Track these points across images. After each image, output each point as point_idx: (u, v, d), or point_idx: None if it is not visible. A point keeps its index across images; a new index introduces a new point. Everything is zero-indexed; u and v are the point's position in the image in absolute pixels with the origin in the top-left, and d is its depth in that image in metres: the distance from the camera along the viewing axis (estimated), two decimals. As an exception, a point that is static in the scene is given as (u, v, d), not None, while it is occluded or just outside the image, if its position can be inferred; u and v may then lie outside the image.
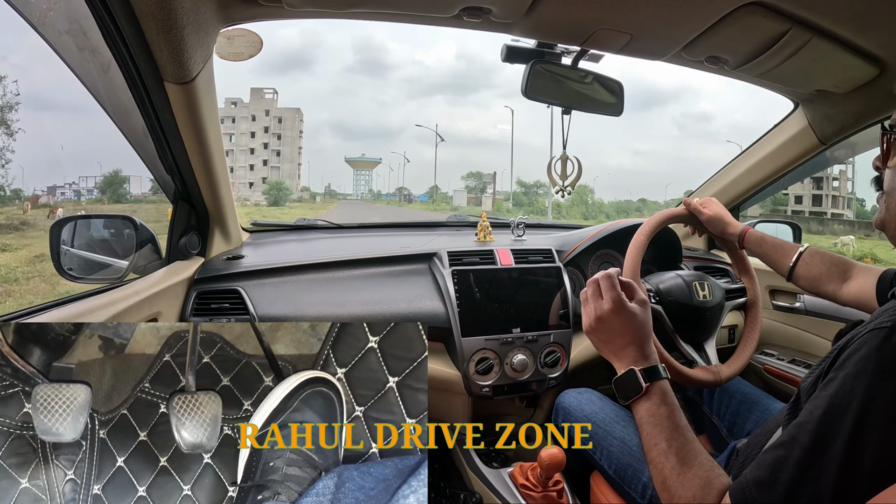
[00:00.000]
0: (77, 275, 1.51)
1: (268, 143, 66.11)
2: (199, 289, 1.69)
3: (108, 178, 32.67)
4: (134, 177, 33.98)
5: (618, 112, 1.73)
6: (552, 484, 1.53)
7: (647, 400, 1.04)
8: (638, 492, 1.38)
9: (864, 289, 1.43)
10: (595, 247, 2.09)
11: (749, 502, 0.80)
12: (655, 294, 1.61)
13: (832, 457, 0.75)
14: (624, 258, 1.58)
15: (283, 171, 66.03)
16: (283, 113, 66.98)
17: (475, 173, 69.19)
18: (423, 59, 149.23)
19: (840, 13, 1.26)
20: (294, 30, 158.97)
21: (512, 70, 2.58)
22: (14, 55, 54.67)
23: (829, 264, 1.50)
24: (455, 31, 6.76)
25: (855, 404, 0.75)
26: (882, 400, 0.74)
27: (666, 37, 1.42)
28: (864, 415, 0.74)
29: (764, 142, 2.08)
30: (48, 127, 53.42)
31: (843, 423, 0.75)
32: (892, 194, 0.97)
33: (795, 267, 1.53)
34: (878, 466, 0.72)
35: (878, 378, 0.75)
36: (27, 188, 29.81)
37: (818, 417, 0.78)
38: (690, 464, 0.94)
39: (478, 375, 1.73)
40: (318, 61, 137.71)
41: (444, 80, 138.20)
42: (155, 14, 1.13)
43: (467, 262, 1.84)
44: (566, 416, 1.65)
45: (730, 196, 2.24)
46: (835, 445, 0.75)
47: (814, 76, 1.60)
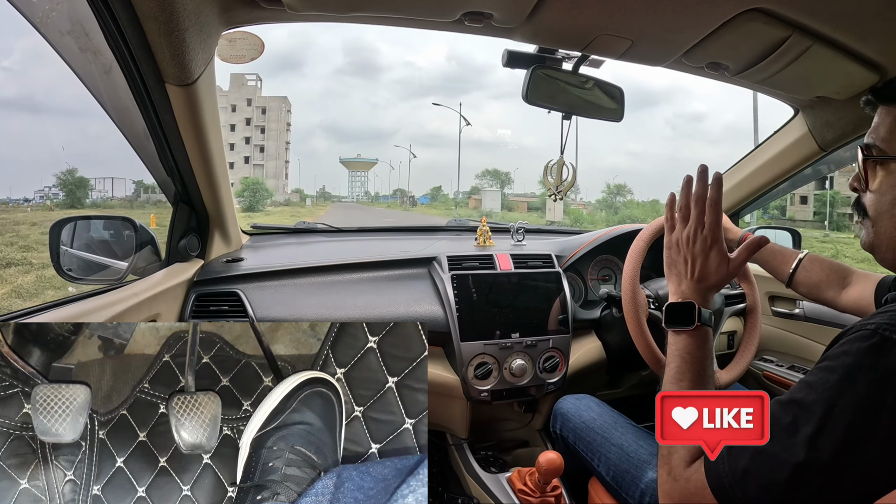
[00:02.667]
0: (76, 275, 1.52)
1: (250, 138, 58.66)
2: (198, 291, 1.69)
3: (63, 179, 28.50)
4: (101, 179, 31.49)
5: (618, 118, 1.73)
6: (550, 489, 1.53)
7: (690, 337, 1.04)
8: (635, 498, 1.38)
9: (862, 295, 1.43)
10: (594, 252, 2.09)
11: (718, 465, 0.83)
12: (655, 300, 1.61)
13: (797, 442, 0.76)
14: (623, 264, 1.58)
15: (267, 169, 58.49)
16: (267, 102, 59.51)
17: (491, 171, 60.11)
18: (414, 60, 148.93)
19: (841, 20, 1.26)
20: (284, 31, 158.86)
21: (503, 72, 2.59)
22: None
23: (828, 271, 1.50)
24: (446, 32, 6.80)
25: (826, 395, 0.76)
26: (850, 398, 0.75)
27: (667, 43, 1.42)
28: (832, 408, 0.75)
29: (764, 148, 2.08)
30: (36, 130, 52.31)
31: (811, 413, 0.77)
32: (879, 220, 0.94)
33: (795, 273, 1.53)
34: (835, 460, 0.73)
35: (850, 374, 0.76)
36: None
37: (792, 402, 0.81)
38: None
39: (476, 380, 1.72)
40: (309, 63, 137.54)
41: (435, 83, 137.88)
42: (157, 16, 1.13)
43: (467, 267, 1.84)
44: (564, 421, 1.65)
45: (729, 202, 2.24)
46: (802, 431, 0.76)
47: (814, 83, 1.60)
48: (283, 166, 61.02)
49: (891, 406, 0.72)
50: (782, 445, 0.78)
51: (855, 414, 0.74)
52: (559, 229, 2.84)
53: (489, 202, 51.81)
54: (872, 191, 0.95)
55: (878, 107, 0.99)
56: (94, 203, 29.95)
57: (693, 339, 1.03)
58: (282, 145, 59.95)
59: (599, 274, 2.17)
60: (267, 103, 59.40)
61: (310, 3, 1.31)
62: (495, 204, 50.97)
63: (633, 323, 1.53)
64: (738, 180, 2.19)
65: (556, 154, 1.74)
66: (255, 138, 58.78)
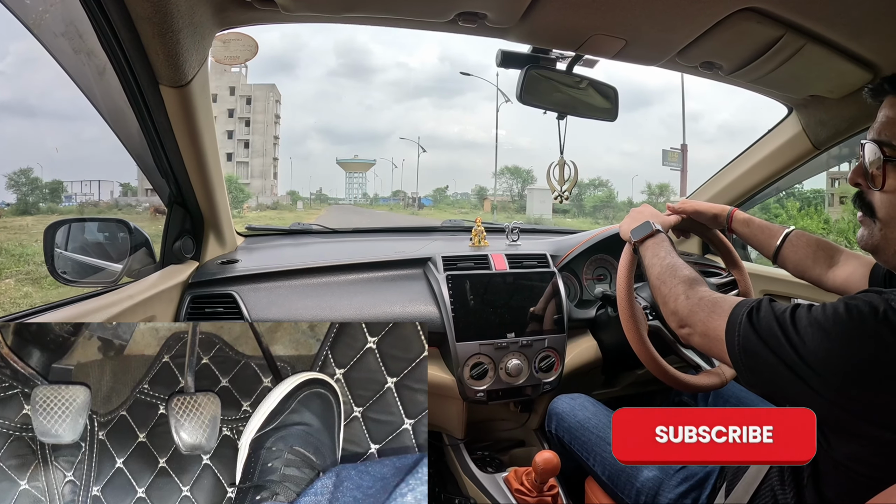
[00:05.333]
0: (71, 278, 1.51)
1: (233, 132, 51.11)
2: (193, 293, 1.68)
3: (15, 181, 25.69)
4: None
5: (612, 117, 1.73)
6: (547, 489, 1.54)
7: (653, 241, 1.36)
8: (632, 497, 1.38)
9: (852, 278, 1.40)
10: (589, 252, 2.10)
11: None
12: (651, 309, 1.60)
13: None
14: (618, 263, 1.58)
15: (253, 167, 51.57)
16: (252, 91, 51.94)
17: (511, 168, 52.02)
18: (406, 61, 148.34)
19: (834, 19, 1.27)
20: (276, 33, 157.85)
21: (496, 73, 2.50)
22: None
23: (815, 248, 1.47)
24: (438, 33, 6.74)
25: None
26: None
27: (660, 42, 1.43)
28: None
29: (758, 147, 2.09)
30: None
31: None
32: (892, 223, 0.95)
33: (781, 248, 1.51)
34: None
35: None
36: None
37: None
38: (696, 286, 1.13)
39: (472, 380, 1.73)
40: (301, 65, 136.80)
41: (428, 84, 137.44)
42: (151, 17, 1.13)
43: (462, 267, 1.84)
44: (559, 421, 1.65)
45: (723, 201, 2.24)
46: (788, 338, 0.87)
47: (808, 81, 1.61)
48: (272, 164, 54.34)
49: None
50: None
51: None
52: (554, 229, 2.85)
53: (538, 205, 37.77)
54: (888, 191, 0.95)
55: (887, 99, 0.99)
56: (54, 210, 26.14)
57: (655, 240, 1.37)
58: (269, 140, 53.34)
59: (594, 273, 2.17)
60: (252, 92, 52.46)
61: (304, 3, 1.31)
62: (546, 208, 36.00)
63: (634, 338, 1.50)
64: (732, 179, 2.20)
65: (551, 154, 1.73)
66: (238, 132, 51.93)
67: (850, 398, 0.83)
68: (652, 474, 1.37)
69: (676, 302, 1.13)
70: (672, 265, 1.24)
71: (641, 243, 1.39)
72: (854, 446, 0.89)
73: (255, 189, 49.42)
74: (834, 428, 0.90)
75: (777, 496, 1.04)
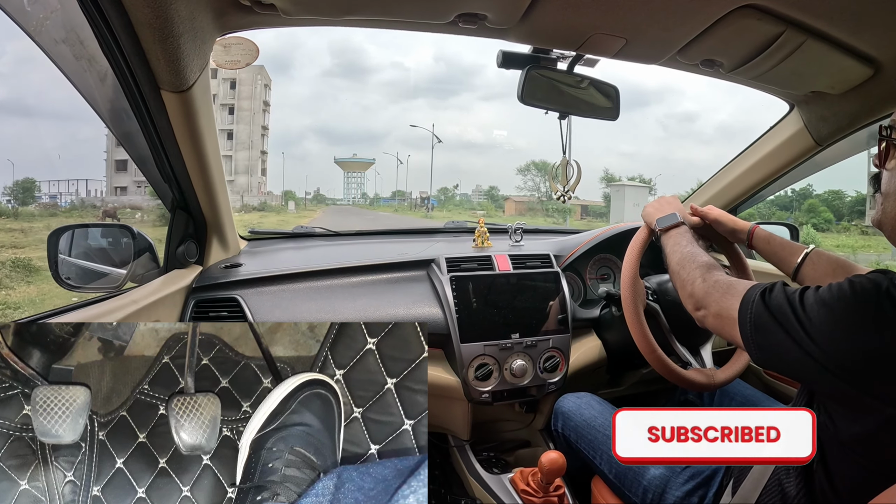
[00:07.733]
0: (75, 283, 1.52)
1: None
2: (197, 297, 1.69)
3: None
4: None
5: (614, 116, 1.73)
6: (553, 489, 1.53)
7: (676, 231, 1.44)
8: (639, 496, 1.38)
9: None
10: (593, 251, 2.10)
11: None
12: (654, 293, 1.61)
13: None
14: (622, 262, 1.58)
15: (237, 162, 43.50)
16: (237, 73, 39.25)
17: (538, 163, 46.55)
18: (402, 61, 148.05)
19: (834, 14, 1.26)
20: (270, 34, 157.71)
21: (493, 72, 2.53)
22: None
23: (834, 265, 1.49)
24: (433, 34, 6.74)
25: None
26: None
27: (661, 41, 1.43)
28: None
29: (759, 144, 2.08)
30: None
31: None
32: (890, 196, 1.00)
33: (801, 266, 1.53)
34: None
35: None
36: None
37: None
38: (713, 271, 1.19)
39: (477, 381, 1.72)
40: (296, 66, 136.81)
41: (425, 84, 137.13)
42: (151, 23, 1.14)
43: (465, 269, 1.84)
44: (566, 420, 1.65)
45: (726, 199, 2.24)
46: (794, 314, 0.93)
47: (809, 78, 1.60)
48: (259, 158, 45.75)
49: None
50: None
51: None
52: (557, 229, 2.84)
53: (630, 208, 31.83)
54: (889, 169, 1.01)
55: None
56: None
57: (678, 231, 1.44)
58: (257, 131, 45.18)
59: (598, 273, 2.17)
60: (237, 75, 43.09)
61: (304, 7, 1.31)
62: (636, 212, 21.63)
63: (630, 311, 1.52)
64: (735, 177, 2.19)
65: (550, 154, 1.69)
66: (221, 121, 42.36)
67: (854, 372, 0.86)
68: (658, 472, 1.37)
69: (693, 285, 1.20)
70: (692, 252, 1.31)
71: (665, 232, 1.46)
72: (859, 426, 0.91)
73: (239, 187, 43.17)
74: (840, 403, 0.94)
75: (785, 489, 1.04)
